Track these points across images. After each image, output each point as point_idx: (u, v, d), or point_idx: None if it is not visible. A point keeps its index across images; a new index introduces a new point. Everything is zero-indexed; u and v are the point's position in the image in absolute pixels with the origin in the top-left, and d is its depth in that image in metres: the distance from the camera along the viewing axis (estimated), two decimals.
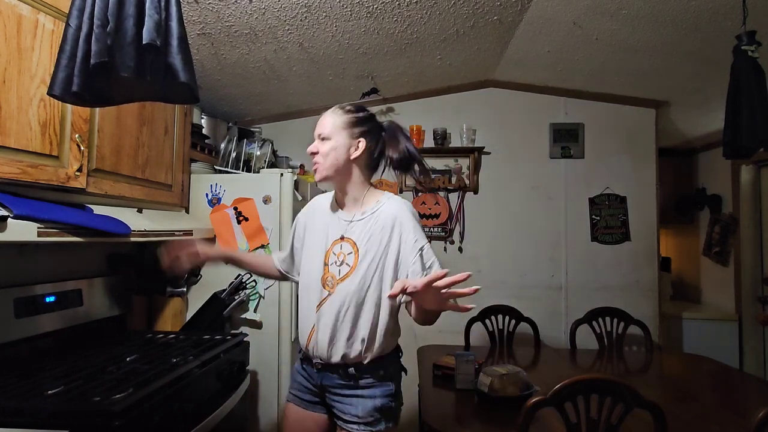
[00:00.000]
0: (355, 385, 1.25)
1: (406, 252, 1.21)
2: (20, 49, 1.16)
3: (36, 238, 1.18)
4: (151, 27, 0.82)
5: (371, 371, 1.26)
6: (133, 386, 1.21)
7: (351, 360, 1.24)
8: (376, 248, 1.22)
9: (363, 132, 1.28)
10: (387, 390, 1.28)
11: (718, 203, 3.35)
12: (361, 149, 1.26)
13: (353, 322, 1.23)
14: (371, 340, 1.24)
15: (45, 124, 1.24)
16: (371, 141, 1.29)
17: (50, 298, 1.54)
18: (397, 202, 1.29)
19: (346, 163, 1.26)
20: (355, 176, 1.29)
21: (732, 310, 3.14)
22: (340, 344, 1.23)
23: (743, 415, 1.49)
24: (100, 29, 0.80)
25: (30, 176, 1.20)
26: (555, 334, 2.77)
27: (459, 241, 2.86)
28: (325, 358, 1.26)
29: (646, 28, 1.98)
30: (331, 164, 1.25)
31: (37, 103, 1.20)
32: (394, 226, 1.23)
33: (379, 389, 1.26)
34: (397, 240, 1.22)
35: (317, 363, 1.28)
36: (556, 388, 1.21)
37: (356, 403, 1.24)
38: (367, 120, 1.31)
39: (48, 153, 1.26)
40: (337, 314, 1.23)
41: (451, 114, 2.89)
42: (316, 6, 1.76)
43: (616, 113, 2.85)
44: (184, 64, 0.86)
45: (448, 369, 1.83)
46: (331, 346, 1.24)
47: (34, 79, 1.19)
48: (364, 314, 1.23)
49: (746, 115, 1.52)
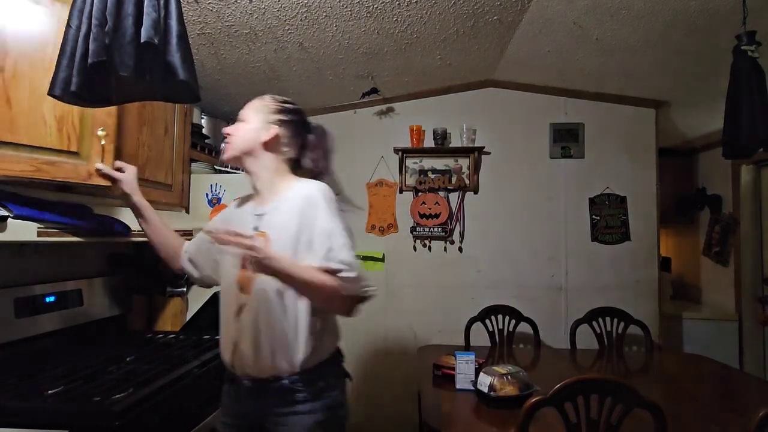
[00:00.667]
0: (291, 401, 1.12)
1: (314, 236, 1.11)
2: (32, 40, 1.11)
3: (36, 238, 1.18)
4: (149, 25, 0.82)
5: (308, 383, 1.13)
6: (133, 386, 1.21)
7: (282, 372, 1.11)
8: (287, 238, 1.12)
9: (280, 121, 1.22)
10: (329, 402, 1.16)
11: (718, 203, 3.35)
12: (271, 134, 1.20)
13: (278, 326, 1.11)
14: (301, 345, 1.12)
15: (61, 119, 1.19)
16: (287, 131, 1.23)
17: (50, 298, 1.54)
18: (309, 184, 1.19)
19: (254, 146, 1.20)
20: (267, 162, 1.22)
21: (732, 310, 3.14)
22: (266, 354, 1.11)
23: (743, 415, 1.49)
24: (98, 28, 0.80)
25: (46, 174, 1.16)
26: (555, 334, 2.77)
27: (459, 241, 2.86)
28: (252, 374, 1.14)
29: (646, 28, 1.98)
30: (238, 145, 1.21)
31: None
32: (304, 211, 1.13)
33: (320, 402, 1.14)
34: (307, 225, 1.12)
35: (245, 382, 1.15)
36: (556, 388, 1.21)
37: (295, 422, 1.11)
38: (291, 112, 1.26)
39: (66, 149, 1.21)
40: (257, 320, 1.12)
41: (451, 114, 2.89)
42: (316, 6, 1.76)
43: (616, 113, 2.85)
44: (183, 62, 0.86)
45: (448, 369, 1.83)
46: (257, 358, 1.12)
47: (48, 72, 1.17)
48: (288, 315, 1.12)
49: (746, 115, 1.52)
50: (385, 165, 2.92)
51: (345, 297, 1.09)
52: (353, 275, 1.08)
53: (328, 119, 2.97)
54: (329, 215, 1.13)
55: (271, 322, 1.12)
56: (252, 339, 1.12)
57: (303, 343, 1.12)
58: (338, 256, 1.08)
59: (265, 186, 1.23)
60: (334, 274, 1.07)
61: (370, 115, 2.96)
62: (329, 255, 1.08)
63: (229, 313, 1.18)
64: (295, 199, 1.16)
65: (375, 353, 2.86)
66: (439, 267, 2.86)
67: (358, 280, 1.09)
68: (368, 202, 2.92)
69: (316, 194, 1.15)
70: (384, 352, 2.86)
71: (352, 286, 1.09)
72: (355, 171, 2.93)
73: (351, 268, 1.08)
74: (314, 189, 1.17)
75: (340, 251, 1.09)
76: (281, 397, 1.12)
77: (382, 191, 2.92)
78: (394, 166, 2.91)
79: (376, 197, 2.92)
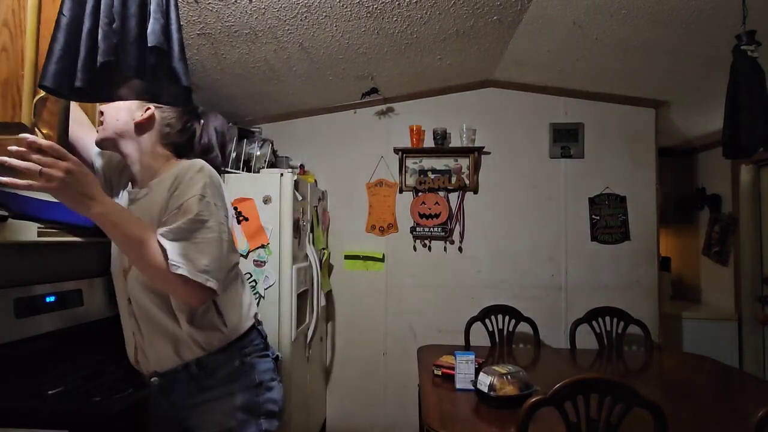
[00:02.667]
0: (204, 387, 1.05)
1: (174, 209, 0.97)
2: None
3: (36, 238, 1.18)
4: (158, 30, 0.82)
5: (219, 366, 1.05)
6: (133, 386, 1.21)
7: (186, 359, 1.04)
8: (150, 222, 1.00)
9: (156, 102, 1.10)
10: (247, 382, 1.08)
11: (717, 203, 3.35)
12: (147, 115, 1.07)
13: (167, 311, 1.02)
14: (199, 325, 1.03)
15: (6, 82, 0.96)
16: (166, 114, 1.10)
17: (50, 298, 1.54)
18: (187, 161, 1.07)
19: (128, 126, 1.07)
20: (144, 145, 1.09)
21: (732, 310, 3.14)
22: (163, 344, 1.03)
23: (743, 415, 1.49)
24: (108, 27, 0.80)
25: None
26: (555, 334, 2.77)
27: (459, 241, 2.86)
28: (158, 370, 1.06)
29: (646, 28, 1.98)
30: (112, 126, 1.06)
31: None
32: (171, 187, 1.01)
33: (237, 384, 1.06)
34: (174, 202, 0.99)
35: (153, 380, 1.08)
36: (556, 387, 1.21)
37: (213, 408, 1.04)
38: None
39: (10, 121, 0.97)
40: (143, 310, 1.03)
41: (451, 114, 2.89)
42: (316, 6, 1.76)
43: (616, 113, 2.85)
44: (185, 68, 0.87)
45: (448, 369, 1.83)
46: (157, 351, 1.04)
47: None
48: (167, 298, 1.02)
49: (746, 115, 1.52)
50: (385, 165, 2.92)
51: (173, 276, 0.91)
52: (187, 272, 0.91)
53: (328, 119, 2.97)
54: (198, 187, 0.98)
55: (156, 308, 1.02)
56: (146, 331, 1.05)
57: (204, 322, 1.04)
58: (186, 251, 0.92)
59: (142, 169, 1.10)
60: (166, 257, 0.91)
61: (370, 115, 2.96)
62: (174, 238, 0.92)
63: (123, 307, 1.10)
64: (169, 178, 1.03)
65: (375, 353, 2.86)
66: (439, 267, 2.87)
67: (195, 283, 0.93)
68: (368, 202, 2.92)
69: (191, 169, 1.01)
70: (384, 352, 2.86)
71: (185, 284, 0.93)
72: (355, 171, 2.93)
73: (188, 265, 0.91)
74: (189, 164, 1.04)
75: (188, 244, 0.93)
76: (193, 385, 1.05)
77: (382, 191, 2.92)
78: (394, 166, 2.91)
79: (376, 197, 2.92)
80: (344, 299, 2.90)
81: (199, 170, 1.02)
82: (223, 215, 1.02)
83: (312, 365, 2.51)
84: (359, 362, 2.86)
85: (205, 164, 1.05)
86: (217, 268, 0.96)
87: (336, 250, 2.92)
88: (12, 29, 0.97)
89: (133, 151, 1.09)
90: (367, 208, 2.93)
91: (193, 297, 0.96)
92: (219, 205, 1.01)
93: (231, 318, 1.09)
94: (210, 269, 0.94)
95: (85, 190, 0.83)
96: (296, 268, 2.17)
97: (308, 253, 2.44)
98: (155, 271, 0.93)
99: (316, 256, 2.51)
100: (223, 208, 1.03)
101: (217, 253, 0.97)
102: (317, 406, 2.68)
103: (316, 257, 2.49)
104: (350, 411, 2.87)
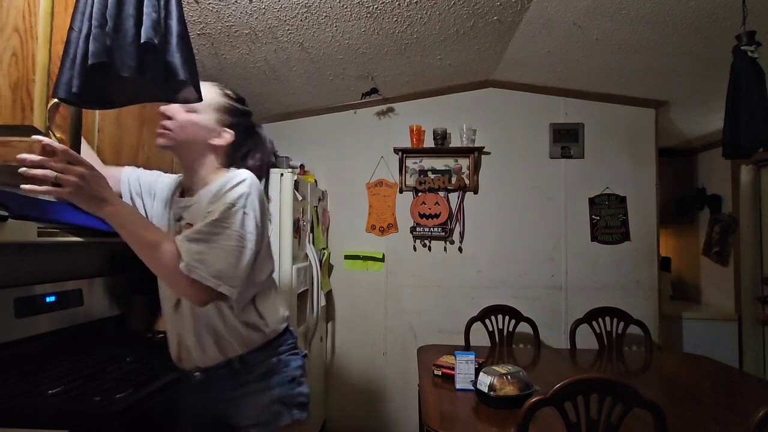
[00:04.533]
0: (244, 382, 1.12)
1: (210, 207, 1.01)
2: None
3: (36, 238, 1.18)
4: (149, 26, 0.82)
5: (259, 362, 1.13)
6: (133, 386, 1.21)
7: (230, 356, 1.11)
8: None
9: (233, 125, 1.14)
10: (284, 377, 1.16)
11: (718, 203, 3.35)
12: (224, 141, 1.12)
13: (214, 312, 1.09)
14: (244, 325, 1.11)
15: (16, 86, 0.98)
16: (238, 137, 1.16)
17: (50, 298, 1.54)
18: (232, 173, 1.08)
19: (202, 145, 1.11)
20: (209, 161, 1.13)
21: (732, 310, 3.14)
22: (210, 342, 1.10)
23: (743, 415, 1.49)
24: (98, 29, 0.80)
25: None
26: (555, 334, 2.77)
27: (459, 241, 2.86)
28: (201, 365, 1.13)
29: (646, 28, 1.98)
30: (185, 138, 1.08)
31: (8, 59, 0.97)
32: (215, 195, 1.04)
33: (276, 378, 1.14)
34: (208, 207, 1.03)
35: (195, 375, 1.13)
36: (556, 387, 1.21)
37: (251, 402, 1.11)
38: (243, 114, 1.18)
39: (20, 123, 0.97)
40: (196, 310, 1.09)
41: (451, 114, 2.89)
42: (316, 6, 1.76)
43: (616, 113, 2.85)
44: (183, 62, 0.86)
45: (448, 369, 1.83)
46: (204, 348, 1.11)
47: (4, 30, 0.97)
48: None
49: (746, 115, 1.52)
50: (385, 165, 2.92)
51: (189, 281, 0.93)
52: (200, 277, 0.92)
53: (328, 119, 2.97)
54: (235, 199, 1.00)
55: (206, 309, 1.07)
56: (194, 330, 1.10)
57: (245, 324, 1.11)
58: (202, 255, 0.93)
59: (196, 179, 1.14)
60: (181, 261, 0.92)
61: (370, 115, 2.96)
62: (193, 239, 0.94)
63: (168, 306, 1.14)
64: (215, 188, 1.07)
65: (375, 353, 2.86)
66: (439, 267, 2.87)
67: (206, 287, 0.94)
68: (368, 202, 2.93)
69: (233, 179, 1.04)
70: (384, 352, 2.86)
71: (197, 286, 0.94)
72: (355, 171, 2.93)
73: (201, 269, 0.92)
74: (234, 175, 1.06)
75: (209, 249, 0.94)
76: (233, 380, 1.12)
77: (382, 191, 2.92)
78: (394, 166, 2.91)
79: (376, 197, 2.92)
80: (344, 299, 2.90)
81: (239, 182, 1.04)
82: (253, 225, 1.03)
83: (312, 365, 2.51)
84: (359, 362, 2.86)
85: (250, 176, 1.07)
86: (232, 275, 0.97)
87: (336, 250, 2.93)
88: (22, 34, 0.98)
89: (197, 166, 1.13)
90: (367, 208, 2.93)
91: (199, 298, 0.97)
92: (251, 216, 1.02)
93: (270, 319, 1.17)
94: (223, 275, 0.95)
95: (98, 193, 0.86)
96: (296, 268, 2.17)
97: (308, 253, 2.44)
98: (165, 272, 0.94)
99: (316, 256, 2.51)
100: (255, 218, 1.03)
101: (234, 260, 0.97)
102: (317, 406, 2.68)
103: (316, 257, 2.49)
104: (350, 411, 2.87)
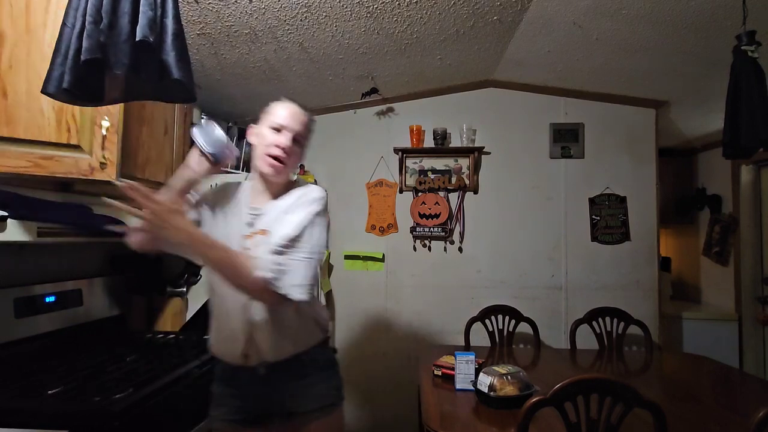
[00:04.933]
0: (309, 373, 1.23)
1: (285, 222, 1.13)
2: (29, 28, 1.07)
3: (36, 238, 1.18)
4: (144, 24, 0.81)
5: (321, 355, 1.28)
6: (133, 386, 1.21)
7: (300, 350, 1.21)
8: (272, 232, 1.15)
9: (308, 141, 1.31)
10: (336, 368, 1.33)
11: (718, 203, 3.35)
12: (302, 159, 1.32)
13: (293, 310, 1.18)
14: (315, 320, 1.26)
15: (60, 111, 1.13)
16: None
17: (50, 298, 1.54)
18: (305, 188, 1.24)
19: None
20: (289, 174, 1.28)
21: (732, 310, 3.14)
22: (285, 338, 1.18)
23: (743, 415, 1.49)
24: (92, 26, 0.80)
25: (44, 169, 1.12)
26: (555, 334, 2.77)
27: (459, 241, 2.86)
28: (270, 360, 1.18)
29: (646, 28, 1.98)
30: (292, 167, 1.24)
31: None
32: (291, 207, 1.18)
33: (332, 370, 1.31)
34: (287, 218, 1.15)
35: (261, 370, 1.19)
36: (556, 387, 1.21)
37: (317, 393, 1.23)
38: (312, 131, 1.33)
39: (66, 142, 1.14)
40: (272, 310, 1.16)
41: (451, 114, 2.89)
42: (316, 6, 1.76)
43: (616, 113, 2.85)
44: (177, 60, 0.86)
45: (448, 369, 1.83)
46: (278, 344, 1.18)
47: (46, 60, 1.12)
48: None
49: (746, 115, 1.52)
50: (385, 165, 2.92)
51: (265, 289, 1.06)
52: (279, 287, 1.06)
53: (328, 119, 2.97)
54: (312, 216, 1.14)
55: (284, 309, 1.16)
56: (270, 328, 1.17)
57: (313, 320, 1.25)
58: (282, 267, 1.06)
59: (271, 187, 1.25)
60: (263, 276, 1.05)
61: (370, 115, 2.96)
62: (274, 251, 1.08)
63: (235, 305, 1.17)
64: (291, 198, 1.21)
65: (375, 353, 2.86)
66: (439, 267, 2.87)
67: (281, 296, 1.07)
68: (368, 202, 2.92)
69: (309, 195, 1.19)
70: (384, 352, 2.85)
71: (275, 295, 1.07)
72: (355, 171, 2.93)
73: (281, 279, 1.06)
74: (309, 189, 1.22)
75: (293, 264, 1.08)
76: (301, 372, 1.21)
77: (382, 191, 2.92)
78: (394, 166, 2.91)
79: (376, 197, 2.92)
80: (344, 299, 2.90)
81: (315, 198, 1.18)
82: (325, 238, 1.18)
83: None
84: (359, 362, 2.86)
85: (322, 192, 1.22)
86: (307, 284, 1.10)
87: (336, 250, 2.92)
88: None
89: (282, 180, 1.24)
90: (367, 208, 2.93)
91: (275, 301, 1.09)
92: (324, 229, 1.18)
93: (324, 318, 1.33)
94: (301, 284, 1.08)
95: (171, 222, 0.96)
96: None
97: None
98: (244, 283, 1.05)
99: None
100: (323, 232, 1.18)
101: (310, 271, 1.11)
102: None
103: None
104: (350, 411, 2.87)
